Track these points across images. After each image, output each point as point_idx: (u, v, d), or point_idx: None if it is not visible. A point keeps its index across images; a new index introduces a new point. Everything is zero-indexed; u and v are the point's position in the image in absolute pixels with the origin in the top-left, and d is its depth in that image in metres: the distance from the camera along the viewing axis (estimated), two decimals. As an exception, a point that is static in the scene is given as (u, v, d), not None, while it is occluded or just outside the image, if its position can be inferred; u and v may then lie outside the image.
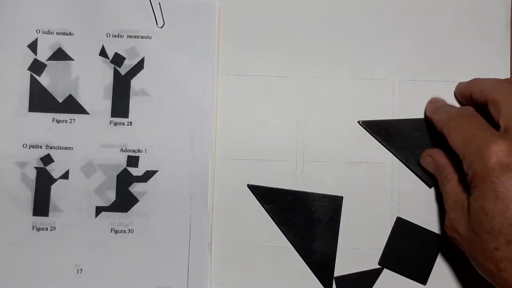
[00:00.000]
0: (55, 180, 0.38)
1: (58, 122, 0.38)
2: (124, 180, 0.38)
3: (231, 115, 0.39)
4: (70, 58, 0.39)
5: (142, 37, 0.39)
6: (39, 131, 0.38)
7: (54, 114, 0.38)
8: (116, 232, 0.38)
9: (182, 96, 0.38)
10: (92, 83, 0.38)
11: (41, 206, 0.38)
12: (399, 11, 0.40)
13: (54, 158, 0.38)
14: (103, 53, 0.39)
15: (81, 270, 0.37)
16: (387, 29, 0.40)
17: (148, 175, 0.38)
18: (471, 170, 0.30)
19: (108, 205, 0.38)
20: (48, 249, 0.37)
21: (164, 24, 0.39)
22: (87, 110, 0.38)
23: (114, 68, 0.39)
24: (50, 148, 0.38)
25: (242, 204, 0.38)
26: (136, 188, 0.38)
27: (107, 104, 0.38)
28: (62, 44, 0.39)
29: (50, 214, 0.38)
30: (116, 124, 0.38)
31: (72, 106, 0.38)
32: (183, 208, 0.38)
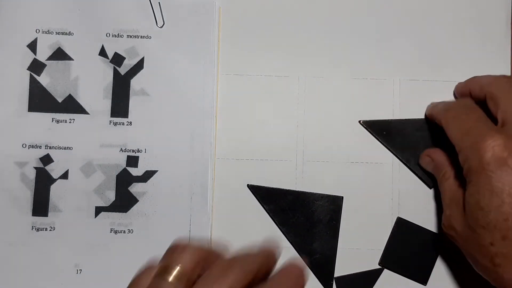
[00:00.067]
0: (55, 180, 0.38)
1: (58, 122, 0.38)
2: (123, 180, 0.38)
3: (231, 115, 0.39)
4: (70, 58, 0.39)
5: (142, 37, 0.39)
6: (39, 131, 0.38)
7: (54, 114, 0.38)
8: (115, 232, 0.38)
9: (182, 96, 0.38)
10: (91, 83, 0.38)
11: (40, 206, 0.37)
12: (399, 11, 0.40)
13: (53, 158, 0.38)
14: (103, 53, 0.39)
15: (80, 270, 0.37)
16: (387, 29, 0.40)
17: (147, 175, 0.38)
18: (467, 163, 0.30)
19: (107, 205, 0.38)
20: (47, 249, 0.37)
21: (164, 24, 0.39)
22: (87, 110, 0.38)
23: (114, 68, 0.39)
24: (50, 148, 0.38)
25: (242, 204, 0.38)
26: (135, 188, 0.38)
27: (107, 104, 0.38)
28: (61, 44, 0.39)
29: (49, 214, 0.37)
30: (115, 124, 0.38)
31: (71, 106, 0.38)
32: (183, 208, 0.38)
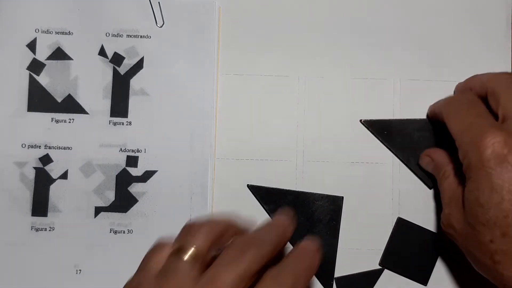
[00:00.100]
0: (54, 180, 0.38)
1: (57, 122, 0.38)
2: (123, 180, 0.38)
3: (231, 115, 0.39)
4: (69, 58, 0.38)
5: (141, 36, 0.39)
6: (38, 131, 0.38)
7: (53, 114, 0.38)
8: (115, 232, 0.37)
9: (182, 96, 0.38)
10: (91, 83, 0.38)
11: (40, 206, 0.37)
12: (399, 11, 0.40)
13: (53, 158, 0.38)
14: (103, 52, 0.39)
15: (80, 270, 0.37)
16: (387, 29, 0.40)
17: (147, 175, 0.38)
18: (466, 160, 0.30)
19: (107, 205, 0.38)
20: (47, 249, 0.37)
21: (163, 23, 0.39)
22: (86, 110, 0.38)
23: (114, 67, 0.38)
24: (49, 148, 0.38)
25: (242, 204, 0.38)
26: (135, 188, 0.38)
27: (107, 103, 0.38)
28: (61, 43, 0.39)
29: (49, 214, 0.37)
30: (115, 124, 0.38)
31: (71, 105, 0.38)
32: (183, 208, 0.37)
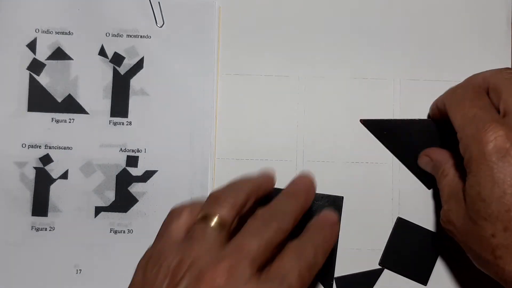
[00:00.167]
0: (54, 180, 0.38)
1: (57, 122, 0.38)
2: (123, 180, 0.38)
3: (231, 115, 0.39)
4: (69, 58, 0.38)
5: (141, 36, 0.39)
6: (38, 131, 0.38)
7: (53, 114, 0.38)
8: (115, 232, 0.37)
9: (182, 95, 0.38)
10: (91, 83, 0.38)
11: (40, 206, 0.37)
12: (399, 11, 0.40)
13: (53, 158, 0.38)
14: (103, 52, 0.39)
15: (80, 270, 0.37)
16: (387, 29, 0.40)
17: (147, 175, 0.38)
18: (468, 153, 0.30)
19: (107, 205, 0.38)
20: (47, 249, 0.37)
21: (163, 23, 0.39)
22: (87, 109, 0.38)
23: (114, 67, 0.38)
24: (49, 148, 0.38)
25: (242, 204, 0.38)
26: (135, 188, 0.38)
27: (107, 103, 0.38)
28: (61, 43, 0.39)
29: (49, 214, 0.37)
30: (115, 124, 0.38)
31: (71, 105, 0.38)
32: (183, 208, 0.37)
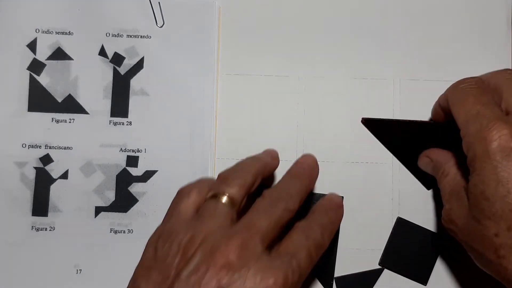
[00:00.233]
0: (54, 180, 0.38)
1: (58, 122, 0.38)
2: (123, 180, 0.38)
3: (231, 115, 0.39)
4: (70, 58, 0.39)
5: (141, 36, 0.39)
6: (38, 131, 0.38)
7: (54, 114, 0.38)
8: (115, 232, 0.37)
9: (182, 95, 0.38)
10: (91, 83, 0.38)
11: (40, 206, 0.37)
12: (399, 11, 0.40)
13: (53, 158, 0.38)
14: (103, 52, 0.39)
15: (80, 270, 0.37)
16: (387, 29, 0.40)
17: (147, 175, 0.38)
18: (471, 151, 0.30)
19: (107, 205, 0.38)
20: (47, 249, 0.37)
21: (164, 23, 0.39)
22: (87, 109, 0.38)
23: (114, 67, 0.39)
24: (49, 148, 0.38)
25: (242, 204, 0.38)
26: (135, 188, 0.38)
27: (107, 103, 0.38)
28: (61, 43, 0.39)
29: (49, 214, 0.37)
30: (115, 124, 0.38)
31: (71, 105, 0.38)
32: (183, 208, 0.37)
